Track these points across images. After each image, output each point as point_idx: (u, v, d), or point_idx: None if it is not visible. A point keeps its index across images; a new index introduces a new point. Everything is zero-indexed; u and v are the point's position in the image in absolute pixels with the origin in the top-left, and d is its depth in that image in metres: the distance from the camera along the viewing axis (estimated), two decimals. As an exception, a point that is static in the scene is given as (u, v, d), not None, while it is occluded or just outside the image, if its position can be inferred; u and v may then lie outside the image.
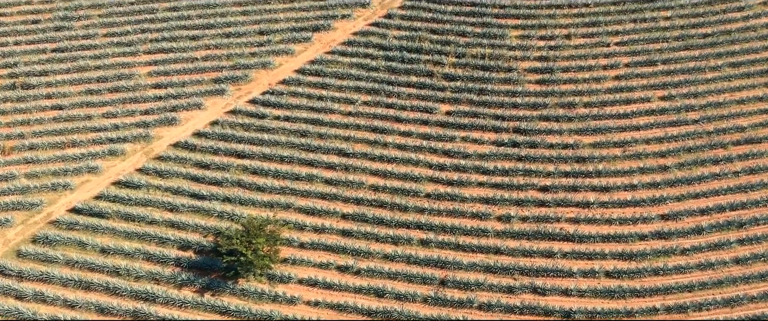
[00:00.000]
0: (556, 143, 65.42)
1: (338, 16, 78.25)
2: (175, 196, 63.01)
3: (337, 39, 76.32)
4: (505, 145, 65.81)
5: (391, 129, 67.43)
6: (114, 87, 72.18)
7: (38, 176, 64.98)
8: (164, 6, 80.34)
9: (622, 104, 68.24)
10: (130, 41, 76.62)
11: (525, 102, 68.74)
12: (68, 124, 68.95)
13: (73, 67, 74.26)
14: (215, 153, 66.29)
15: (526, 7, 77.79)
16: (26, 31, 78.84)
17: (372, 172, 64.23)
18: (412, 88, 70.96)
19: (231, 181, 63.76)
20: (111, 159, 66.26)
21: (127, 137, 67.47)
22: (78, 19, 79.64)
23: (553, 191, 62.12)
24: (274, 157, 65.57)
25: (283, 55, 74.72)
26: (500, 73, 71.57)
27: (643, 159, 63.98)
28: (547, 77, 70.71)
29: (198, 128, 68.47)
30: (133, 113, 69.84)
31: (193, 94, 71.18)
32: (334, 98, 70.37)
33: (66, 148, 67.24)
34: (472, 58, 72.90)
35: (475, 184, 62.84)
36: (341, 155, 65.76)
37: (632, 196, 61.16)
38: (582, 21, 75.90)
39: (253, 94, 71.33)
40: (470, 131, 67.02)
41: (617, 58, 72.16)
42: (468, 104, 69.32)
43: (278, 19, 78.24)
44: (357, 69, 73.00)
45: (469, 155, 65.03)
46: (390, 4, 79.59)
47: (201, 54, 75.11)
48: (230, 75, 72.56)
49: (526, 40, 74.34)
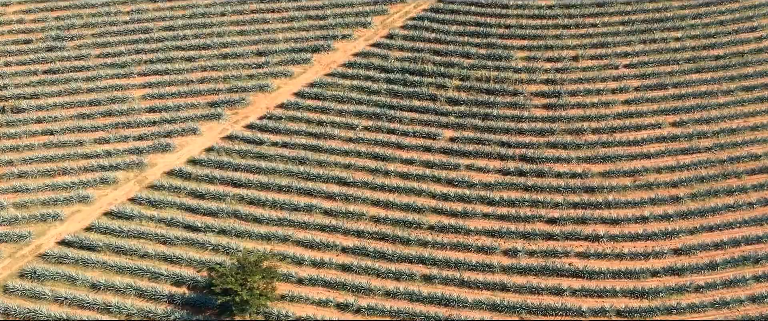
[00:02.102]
0: (564, 172, 63.12)
1: (338, 36, 76.00)
2: (168, 228, 60.70)
3: (337, 60, 74.06)
4: (511, 173, 63.51)
5: (393, 156, 65.15)
6: (107, 111, 69.93)
7: (27, 206, 62.70)
8: (159, 25, 78.10)
9: (632, 130, 65.92)
10: (124, 62, 74.37)
11: (531, 128, 66.46)
12: (59, 151, 66.70)
13: (65, 89, 72.04)
14: (211, 181, 63.99)
15: (532, 27, 75.56)
16: (17, 51, 76.64)
17: (373, 202, 61.92)
18: (414, 113, 68.67)
19: (227, 212, 61.46)
20: (103, 188, 63.97)
21: (119, 164, 65.19)
22: (71, 39, 77.43)
23: (562, 223, 59.79)
24: (271, 185, 63.27)
25: (281, 78, 72.46)
26: (506, 96, 69.30)
27: (654, 189, 61.65)
28: (554, 101, 68.44)
29: (193, 155, 66.20)
30: (127, 139, 67.57)
31: (189, 119, 68.92)
32: (334, 123, 68.10)
33: (56, 176, 64.97)
34: (477, 81, 70.63)
35: (480, 216, 60.53)
36: (341, 184, 63.45)
37: (643, 229, 58.83)
38: (590, 42, 73.66)
39: (251, 118, 69.06)
40: (475, 159, 64.72)
41: (627, 82, 69.90)
42: (472, 130, 67.03)
43: (277, 39, 75.98)
44: (358, 92, 70.74)
45: (474, 185, 62.73)
46: (391, 24, 77.36)
47: (197, 76, 72.85)
48: (227, 98, 70.28)
49: (533, 62, 72.07)
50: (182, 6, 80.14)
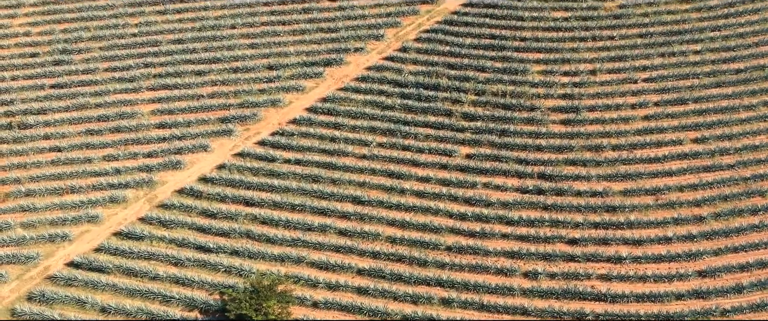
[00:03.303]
0: (584, 190, 61.64)
1: (351, 50, 74.56)
2: (179, 249, 59.28)
3: (350, 74, 72.64)
4: (529, 192, 62.03)
5: (409, 174, 63.68)
6: (115, 127, 68.50)
7: (35, 226, 61.29)
8: (168, 38, 76.66)
9: (653, 147, 64.42)
10: (133, 76, 72.98)
11: (549, 144, 64.99)
12: (67, 168, 65.29)
13: (73, 104, 70.64)
14: (222, 200, 62.55)
15: (548, 40, 74.08)
16: (24, 65, 75.25)
17: (389, 222, 60.46)
18: (429, 129, 67.23)
19: (239, 232, 60.02)
20: (112, 207, 62.56)
21: (129, 183, 63.77)
22: (78, 52, 76.01)
23: (583, 244, 58.31)
24: (284, 204, 61.83)
25: (293, 92, 71.02)
26: (523, 112, 67.82)
27: (676, 208, 60.13)
28: (572, 117, 66.95)
29: (204, 172, 64.77)
30: (136, 156, 66.15)
31: (199, 135, 67.51)
32: (347, 139, 66.66)
33: (65, 194, 63.57)
34: (493, 96, 69.18)
35: (499, 236, 59.06)
36: (356, 203, 62.00)
37: (667, 250, 57.33)
38: (607, 55, 72.16)
39: (262, 134, 67.64)
40: (492, 176, 63.26)
41: (646, 96, 68.40)
42: (489, 147, 65.58)
43: (288, 52, 74.52)
44: (371, 107, 69.30)
45: (492, 203, 61.26)
46: (404, 37, 75.90)
47: (207, 90, 71.44)
48: (238, 114, 68.87)
49: (549, 76, 70.59)
50: (191, 18, 78.73)
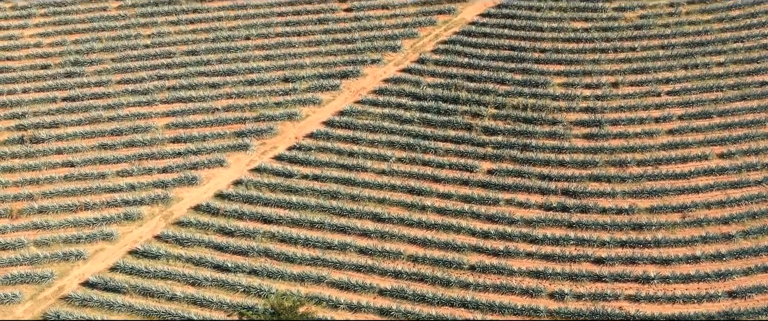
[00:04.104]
0: (610, 208, 60.33)
1: (367, 61, 73.28)
2: (197, 268, 57.98)
3: (367, 87, 71.37)
4: (553, 209, 60.70)
5: (429, 190, 62.38)
6: (129, 141, 67.21)
7: (49, 244, 59.99)
8: (182, 49, 75.40)
9: (679, 163, 63.10)
10: (146, 89, 71.70)
11: (573, 160, 63.69)
12: (81, 184, 64.02)
13: (85, 118, 69.38)
14: (240, 217, 61.25)
15: (568, 51, 72.82)
16: (35, 77, 74.01)
17: (410, 240, 59.15)
18: (449, 143, 65.95)
19: (257, 251, 58.72)
20: (127, 224, 61.27)
21: (144, 199, 62.49)
22: (90, 64, 74.76)
23: (609, 264, 56.98)
24: (303, 222, 60.53)
25: (309, 105, 69.76)
26: (544, 126, 66.55)
27: (704, 226, 58.80)
28: (595, 131, 65.67)
29: (220, 188, 63.49)
30: (151, 171, 64.86)
31: (215, 150, 66.21)
32: (365, 154, 65.37)
33: (78, 211, 62.26)
34: (514, 109, 67.89)
35: (523, 255, 57.75)
36: (376, 220, 60.68)
37: (696, 270, 55.99)
38: (629, 67, 70.87)
39: (279, 149, 66.36)
40: (515, 193, 61.95)
41: (670, 110, 67.09)
42: (511, 162, 64.28)
43: (304, 64, 73.26)
44: (389, 121, 68.01)
45: (515, 221, 59.95)
46: (422, 48, 74.62)
47: (222, 103, 70.16)
48: (254, 128, 67.59)
49: (571, 89, 69.34)
50: (205, 29, 77.46)
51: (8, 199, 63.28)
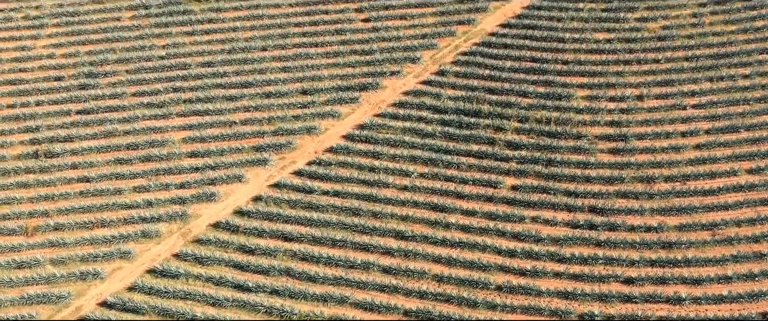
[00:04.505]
0: (638, 225, 59.02)
1: (386, 73, 71.99)
2: (217, 288, 56.69)
3: (387, 99, 70.08)
4: (580, 227, 59.41)
5: (453, 207, 61.09)
6: (145, 156, 65.95)
7: (65, 262, 58.74)
8: (197, 61, 74.13)
9: (707, 178, 61.77)
10: (162, 102, 70.44)
11: (599, 175, 62.38)
12: (97, 200, 62.75)
13: (100, 131, 68.14)
14: (260, 235, 59.97)
15: (591, 63, 71.54)
16: (48, 89, 72.76)
17: (434, 258, 57.87)
18: (472, 158, 64.67)
19: (279, 270, 57.45)
20: (145, 242, 60.00)
21: (161, 216, 61.21)
22: (104, 76, 73.52)
23: (639, 284, 55.67)
24: (325, 240, 59.25)
25: (328, 119, 68.47)
26: (569, 140, 65.25)
27: (735, 244, 57.49)
28: (620, 146, 64.36)
29: (239, 205, 62.22)
30: (168, 187, 63.57)
31: (233, 164, 64.94)
32: (387, 169, 64.10)
33: (95, 228, 61.01)
34: (537, 123, 66.61)
35: (551, 275, 56.45)
36: (399, 238, 59.42)
37: (728, 291, 54.66)
38: (654, 79, 69.55)
39: (298, 164, 65.09)
40: (541, 210, 60.67)
41: (696, 124, 65.77)
42: (535, 177, 62.99)
43: (322, 76, 71.98)
44: (410, 135, 66.73)
45: (542, 239, 58.65)
46: (441, 59, 73.33)
47: (240, 117, 68.90)
48: (272, 142, 66.31)
49: (595, 102, 68.04)
50: (220, 40, 76.19)
51: (23, 215, 62.04)
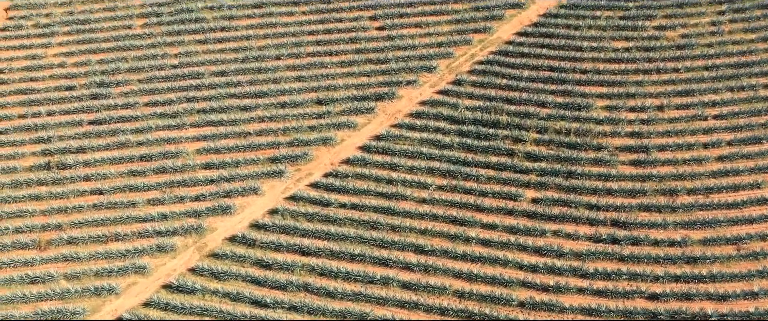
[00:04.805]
0: (662, 240, 57.98)
1: (402, 83, 71.03)
2: (234, 304, 55.72)
3: (403, 109, 69.12)
4: (603, 241, 58.42)
5: (473, 220, 60.09)
6: (159, 167, 65.01)
7: (79, 277, 57.80)
8: (210, 70, 73.19)
9: (730, 191, 60.73)
10: (175, 112, 69.51)
11: (620, 188, 61.38)
12: (110, 213, 61.82)
13: (113, 142, 67.20)
14: (277, 249, 59.02)
15: (609, 72, 70.55)
16: (60, 98, 71.85)
17: (455, 273, 56.89)
18: (491, 170, 63.68)
19: (297, 285, 56.48)
20: (160, 256, 59.06)
21: (176, 229, 60.28)
22: (116, 85, 72.57)
23: (664, 300, 54.66)
24: (343, 254, 58.31)
25: (344, 129, 67.51)
26: (589, 151, 64.27)
27: (760, 259, 56.47)
28: (642, 158, 63.38)
29: (256, 218, 61.28)
30: (183, 199, 62.63)
31: (249, 176, 63.99)
32: (405, 182, 63.13)
33: (109, 242, 60.08)
34: (556, 134, 65.65)
35: (574, 291, 55.45)
36: (418, 252, 58.46)
37: (755, 307, 53.65)
38: (674, 89, 68.53)
39: (315, 176, 64.14)
40: (562, 223, 59.68)
41: (718, 135, 64.76)
42: (556, 190, 62.01)
43: (337, 86, 71.02)
44: (428, 146, 65.77)
45: (564, 254, 57.67)
46: (458, 68, 72.36)
47: (254, 127, 67.96)
48: (288, 153, 65.36)
49: (615, 112, 67.04)
50: (233, 49, 75.24)
51: (36, 228, 61.17)
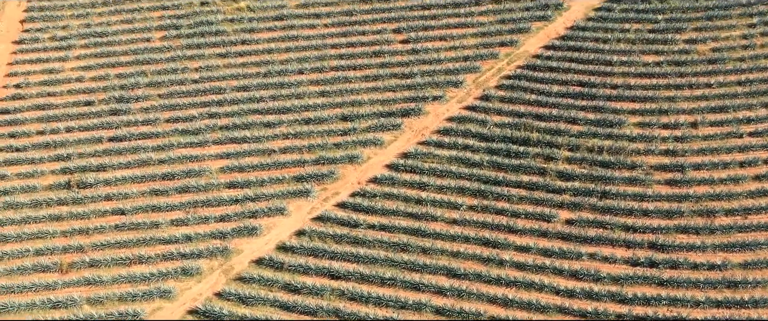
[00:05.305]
0: (701, 263, 56.36)
1: (429, 98, 69.46)
2: (263, 331, 54.24)
3: (430, 126, 67.55)
4: (641, 264, 56.78)
5: (506, 242, 58.50)
6: (183, 186, 63.41)
7: (103, 302, 56.18)
8: (232, 85, 71.59)
9: (769, 212, 59.29)
10: (197, 128, 67.91)
11: (657, 209, 59.77)
12: (133, 234, 60.20)
13: (134, 160, 65.59)
14: (305, 272, 57.44)
15: (641, 87, 68.96)
16: (78, 114, 70.26)
17: (489, 299, 55.22)
18: (523, 190, 62.08)
19: (327, 311, 54.88)
20: (185, 279, 57.47)
21: (202, 252, 58.68)
22: (136, 100, 70.98)
23: (707, 328, 53.16)
24: (373, 278, 56.71)
25: (371, 147, 65.95)
26: (623, 170, 62.66)
27: (804, 284, 55.03)
28: (678, 177, 61.77)
29: (282, 239, 59.71)
30: (207, 220, 61.04)
31: (274, 196, 62.40)
32: (434, 202, 61.55)
33: (132, 265, 58.48)
34: (589, 152, 64.06)
35: (613, 317, 53.80)
36: (451, 276, 56.81)
37: (800, 335, 52.18)
38: (707, 105, 66.93)
39: (342, 195, 62.56)
40: (598, 246, 58.07)
41: (754, 153, 63.14)
42: (590, 211, 60.41)
43: (362, 101, 69.43)
44: (457, 165, 64.18)
45: (602, 278, 56.05)
46: (485, 83, 70.79)
47: (279, 144, 66.38)
48: (314, 172, 63.78)
49: (648, 129, 65.43)
50: (255, 62, 73.67)
51: (57, 250, 59.57)
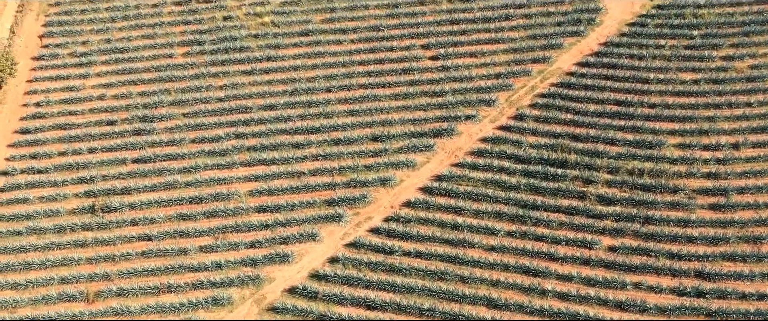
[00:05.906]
0: (749, 293, 54.45)
1: (461, 117, 67.50)
2: (299, 365, 52.40)
3: (463, 147, 65.61)
4: (687, 294, 54.86)
5: (547, 271, 56.57)
6: (211, 210, 61.51)
7: (131, 334, 54.48)
8: (259, 104, 69.61)
9: (818, 239, 57.33)
10: (224, 149, 65.99)
11: (702, 235, 57.83)
12: (161, 262, 58.34)
13: (160, 183, 63.66)
14: (340, 302, 55.54)
15: (679, 106, 66.93)
16: (101, 134, 68.39)
17: (532, 331, 53.48)
18: (562, 215, 60.14)
19: (364, 343, 53.10)
20: (216, 310, 55.59)
21: (232, 280, 56.81)
22: (160, 120, 69.03)
23: (759, 361, 51.27)
24: (412, 309, 54.82)
25: (403, 169, 64.02)
26: (665, 194, 60.71)
27: None
28: (721, 201, 59.80)
29: (315, 267, 57.82)
30: (237, 246, 59.14)
31: (305, 221, 60.52)
32: (471, 227, 59.64)
33: (161, 294, 56.64)
34: (629, 175, 62.08)
35: (662, 351, 52.08)
36: (492, 307, 54.94)
37: None
38: (748, 125, 64.91)
39: (375, 220, 60.65)
40: (643, 275, 56.15)
41: (799, 176, 61.32)
42: (633, 237, 58.47)
43: (392, 120, 67.47)
44: (493, 188, 62.23)
45: (648, 308, 54.12)
46: (518, 102, 68.82)
47: (308, 166, 64.47)
48: (345, 195, 61.87)
49: (688, 151, 63.45)
50: (281, 80, 71.67)
51: (83, 278, 57.72)
